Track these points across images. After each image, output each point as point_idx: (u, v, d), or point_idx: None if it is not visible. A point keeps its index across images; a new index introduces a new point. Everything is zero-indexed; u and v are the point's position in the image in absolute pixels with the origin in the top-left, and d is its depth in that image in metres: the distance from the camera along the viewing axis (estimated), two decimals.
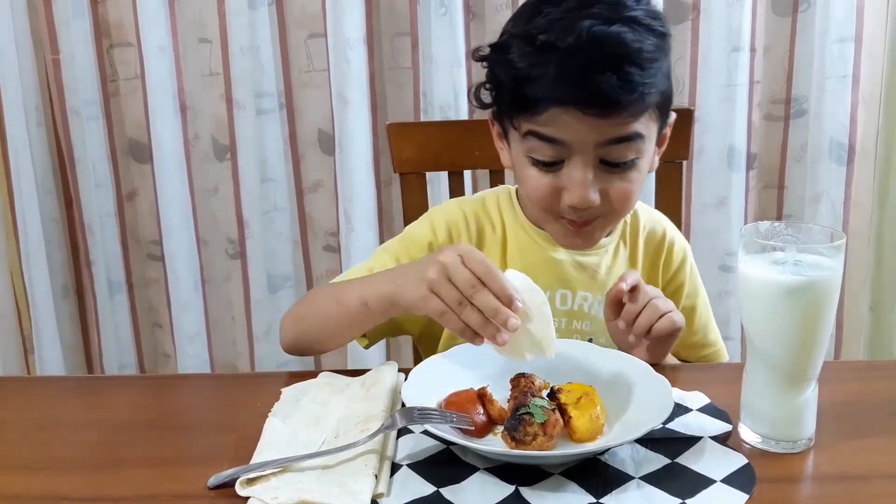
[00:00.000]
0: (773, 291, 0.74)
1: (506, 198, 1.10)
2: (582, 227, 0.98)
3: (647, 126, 0.94)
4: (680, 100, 1.83)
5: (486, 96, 1.00)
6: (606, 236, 1.08)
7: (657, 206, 1.34)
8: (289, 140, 1.91)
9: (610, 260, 1.08)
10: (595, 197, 0.93)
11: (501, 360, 0.88)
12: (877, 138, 1.83)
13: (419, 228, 1.09)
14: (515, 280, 0.80)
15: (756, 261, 0.75)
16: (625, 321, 0.94)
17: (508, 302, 0.78)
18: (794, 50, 1.81)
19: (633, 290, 0.93)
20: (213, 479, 0.73)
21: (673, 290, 1.11)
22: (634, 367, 0.87)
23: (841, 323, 1.94)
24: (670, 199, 1.33)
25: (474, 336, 0.80)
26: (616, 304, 0.95)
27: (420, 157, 1.32)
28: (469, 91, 1.03)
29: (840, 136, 1.80)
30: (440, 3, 1.74)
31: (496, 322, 0.78)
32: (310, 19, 1.83)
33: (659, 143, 1.02)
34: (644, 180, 1.00)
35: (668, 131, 1.03)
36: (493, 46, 0.97)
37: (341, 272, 1.92)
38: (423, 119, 1.81)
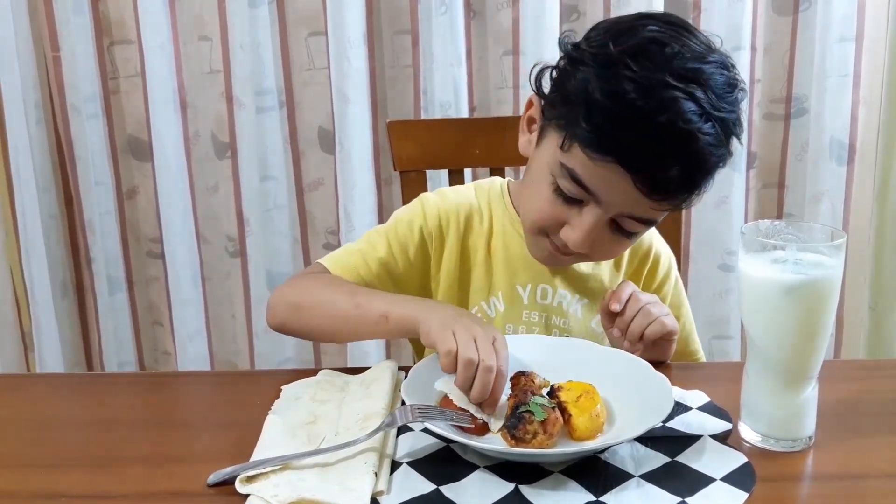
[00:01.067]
0: (773, 290, 0.74)
1: (497, 190, 1.10)
2: (563, 255, 0.98)
3: (668, 213, 0.96)
4: None
5: (547, 86, 0.96)
6: None
7: None
8: (289, 138, 1.91)
9: (592, 264, 1.09)
10: (587, 248, 0.95)
11: None
12: (877, 138, 1.83)
13: (410, 213, 1.08)
14: None
15: (756, 259, 0.75)
16: (619, 329, 0.95)
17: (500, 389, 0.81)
18: (794, 49, 1.81)
19: (628, 299, 0.95)
20: (213, 477, 0.73)
21: None
22: (634, 366, 0.87)
23: (841, 322, 1.94)
24: None
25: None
26: (611, 313, 0.96)
27: (420, 155, 1.32)
28: (531, 71, 0.98)
29: (840, 136, 1.80)
30: (441, 1, 1.74)
31: (483, 396, 0.80)
32: (310, 17, 1.83)
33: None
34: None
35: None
36: (576, 46, 0.92)
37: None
38: (423, 117, 1.81)
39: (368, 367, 0.94)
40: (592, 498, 0.70)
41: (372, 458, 0.74)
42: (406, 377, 0.84)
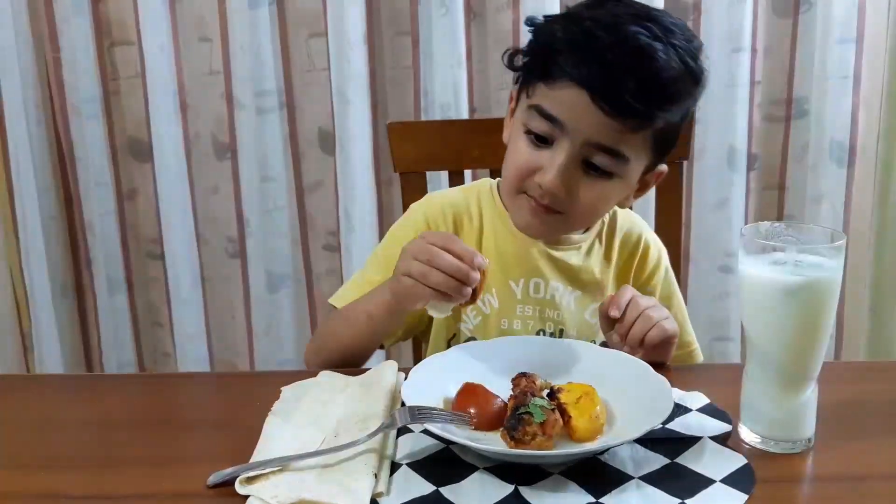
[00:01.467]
0: (773, 292, 0.74)
1: (486, 190, 1.13)
2: (543, 211, 1.00)
3: (636, 154, 0.97)
4: None
5: (517, 62, 1.03)
6: (582, 233, 1.11)
7: (657, 207, 1.34)
8: (289, 139, 1.91)
9: (583, 257, 1.10)
10: (562, 189, 0.96)
11: (502, 359, 0.89)
12: (878, 139, 1.83)
13: (401, 226, 1.14)
14: None
15: (756, 261, 0.75)
16: (619, 334, 0.96)
17: (470, 259, 0.86)
18: (794, 51, 1.81)
19: (627, 304, 0.95)
20: (213, 478, 0.73)
21: (645, 293, 1.10)
22: (634, 367, 0.87)
23: (841, 323, 1.94)
24: (671, 199, 1.33)
25: (444, 298, 0.87)
26: (610, 319, 0.96)
27: (420, 156, 1.32)
28: (503, 54, 1.06)
29: (841, 137, 1.80)
30: (441, 2, 1.74)
31: (460, 278, 0.85)
32: (310, 18, 1.83)
33: (641, 187, 1.05)
34: (612, 204, 1.04)
35: (651, 180, 1.06)
36: (546, 17, 1.01)
37: (341, 271, 1.93)
38: (423, 118, 1.81)
39: (368, 369, 0.94)
40: (592, 499, 0.70)
41: (372, 460, 0.74)
42: (406, 378, 0.84)
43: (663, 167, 1.06)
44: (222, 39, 1.83)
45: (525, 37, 1.03)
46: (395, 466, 0.75)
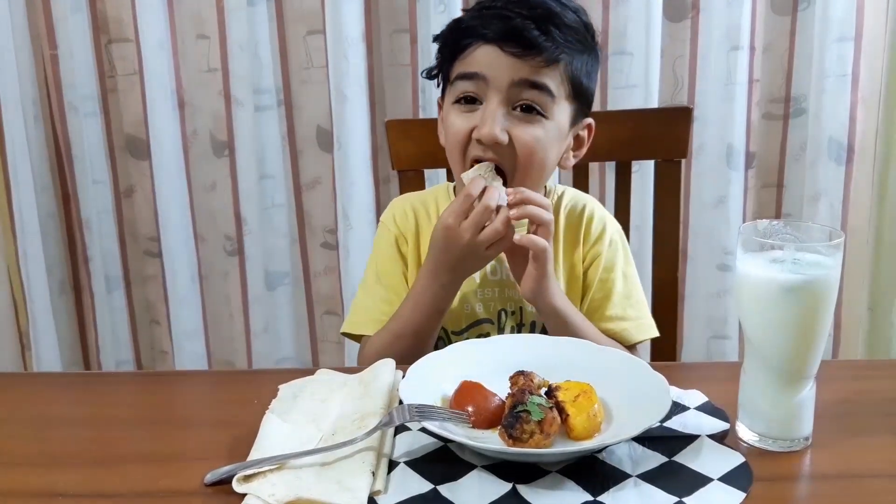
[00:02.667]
0: (771, 290, 0.74)
1: (443, 191, 1.22)
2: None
3: (557, 89, 1.05)
4: (679, 98, 1.83)
5: (435, 70, 1.14)
6: None
7: (656, 204, 1.34)
8: (287, 137, 1.91)
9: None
10: (502, 134, 1.03)
11: (499, 357, 0.89)
12: (876, 138, 1.83)
13: (381, 235, 1.21)
14: None
15: (755, 259, 0.75)
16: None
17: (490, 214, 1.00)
18: (793, 49, 1.81)
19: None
20: (210, 476, 0.73)
21: (590, 260, 1.17)
22: (632, 365, 0.87)
23: (839, 322, 1.94)
24: (669, 197, 1.33)
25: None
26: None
27: (418, 154, 1.32)
28: (421, 72, 1.18)
29: (839, 136, 1.80)
30: (439, 0, 1.74)
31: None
32: (308, 16, 1.83)
33: (576, 146, 1.13)
34: (553, 150, 1.08)
35: (585, 136, 1.14)
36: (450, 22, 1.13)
37: (339, 269, 1.93)
38: (421, 116, 1.81)
39: (366, 367, 0.94)
40: (590, 497, 0.70)
41: (369, 458, 0.74)
42: (404, 376, 0.84)
43: (589, 119, 1.13)
44: (220, 37, 1.83)
45: None
46: (392, 465, 0.75)
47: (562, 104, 1.06)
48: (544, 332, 1.11)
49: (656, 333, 1.17)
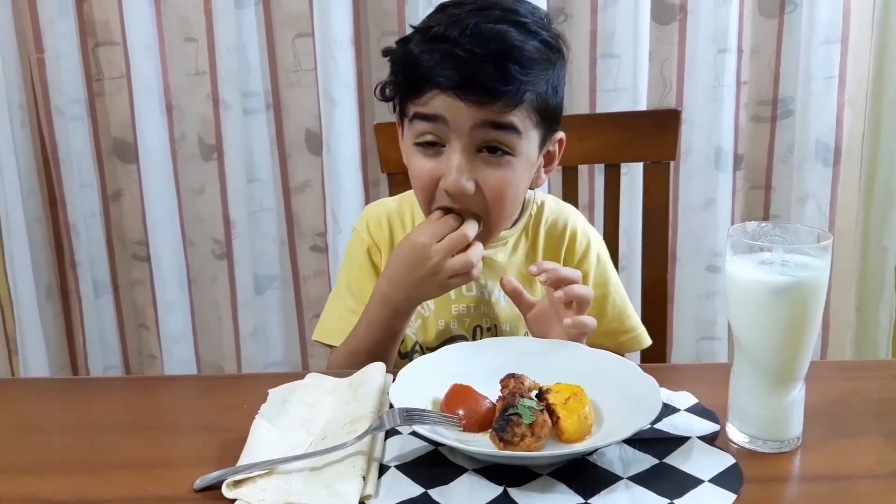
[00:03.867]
0: (760, 291, 0.75)
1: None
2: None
3: (523, 123, 0.98)
4: (667, 100, 1.84)
5: (389, 92, 1.06)
6: (509, 227, 1.13)
7: (644, 206, 1.35)
8: (276, 140, 1.91)
9: (510, 252, 1.13)
10: (468, 184, 0.97)
11: (489, 361, 0.89)
12: (862, 140, 1.84)
13: (353, 243, 1.20)
14: None
15: (743, 261, 0.75)
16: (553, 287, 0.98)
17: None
18: (780, 51, 1.82)
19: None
20: (200, 482, 0.73)
21: None
22: (622, 368, 0.87)
23: (827, 323, 1.95)
24: (657, 199, 1.34)
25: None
26: (518, 296, 1.03)
27: None
28: (374, 88, 1.09)
29: (826, 138, 1.81)
30: (428, 3, 1.73)
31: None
32: (297, 19, 1.82)
33: (546, 162, 1.07)
34: (523, 185, 1.04)
35: (556, 150, 1.08)
36: (399, 39, 1.04)
37: (328, 273, 1.92)
38: None
39: (356, 371, 0.93)
40: (581, 500, 0.70)
41: (360, 462, 0.74)
42: (394, 380, 0.84)
43: (560, 134, 1.07)
44: (208, 40, 1.82)
45: None
46: (383, 469, 0.75)
47: (529, 136, 1.00)
48: None
49: (650, 342, 1.18)
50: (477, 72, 0.93)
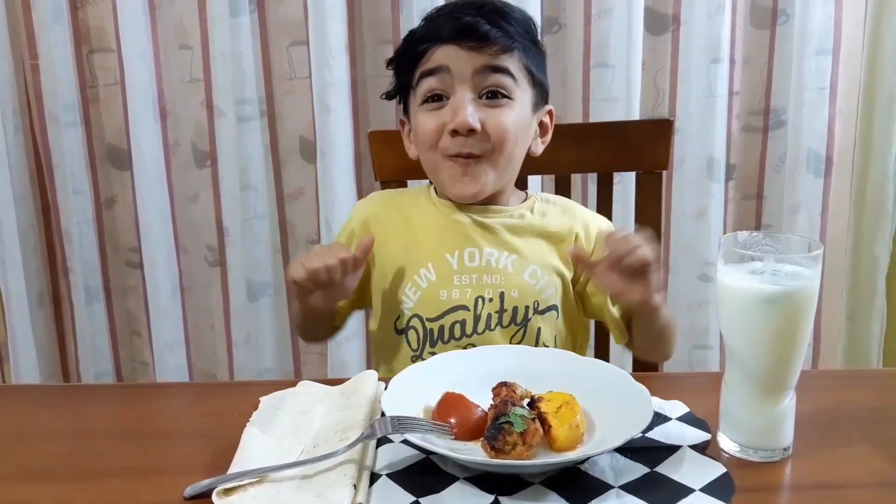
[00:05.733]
0: (751, 300, 0.75)
1: (424, 192, 1.21)
2: (468, 162, 1.08)
3: (517, 72, 1.09)
4: (660, 110, 1.85)
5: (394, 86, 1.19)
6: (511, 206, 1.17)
7: (637, 215, 1.35)
8: (270, 147, 1.91)
9: (516, 220, 1.15)
10: (474, 120, 1.06)
11: (480, 368, 0.89)
12: (854, 150, 1.85)
13: (345, 224, 1.23)
14: None
15: (735, 270, 0.76)
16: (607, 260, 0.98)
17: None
18: (772, 62, 1.83)
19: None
20: (190, 490, 0.72)
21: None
22: (614, 376, 0.87)
23: (819, 332, 1.95)
24: (650, 208, 1.34)
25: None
26: (580, 259, 1.05)
27: (401, 165, 1.32)
28: (381, 95, 1.22)
29: (818, 148, 1.82)
30: (422, 11, 1.74)
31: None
32: (292, 27, 1.83)
33: (542, 132, 1.18)
34: (522, 133, 1.11)
35: (548, 122, 1.19)
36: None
37: None
38: None
39: (348, 379, 0.93)
40: None
41: (351, 470, 0.74)
42: (386, 388, 0.84)
43: (549, 106, 1.18)
44: (203, 47, 1.83)
45: None
46: (374, 477, 0.75)
47: (524, 88, 1.11)
48: (526, 318, 1.11)
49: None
50: (472, 23, 1.07)
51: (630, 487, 0.73)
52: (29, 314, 1.91)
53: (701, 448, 0.79)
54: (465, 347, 1.08)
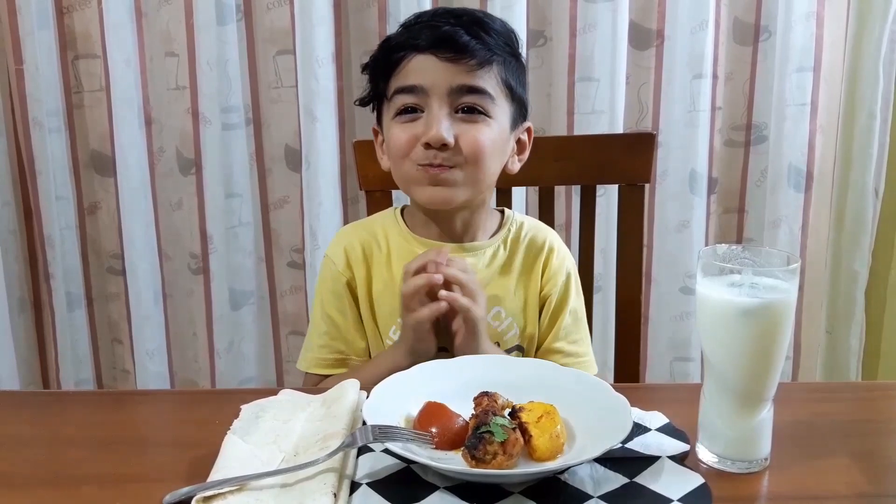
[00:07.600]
0: (729, 313, 0.76)
1: (390, 217, 1.20)
2: (439, 173, 1.05)
3: (495, 90, 1.06)
4: (644, 124, 1.86)
5: (367, 92, 1.15)
6: (489, 238, 1.16)
7: (620, 228, 1.36)
8: (255, 155, 1.91)
9: (488, 260, 1.15)
10: (448, 135, 1.03)
11: (462, 378, 0.90)
12: (834, 165, 1.87)
13: (326, 268, 1.18)
14: None
15: (713, 283, 0.77)
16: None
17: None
18: (754, 78, 1.85)
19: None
20: (169, 497, 0.72)
21: (546, 293, 1.16)
22: (594, 387, 0.88)
23: (798, 345, 1.97)
24: (633, 221, 1.35)
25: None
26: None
27: (386, 174, 1.31)
28: (354, 101, 1.19)
29: (798, 163, 1.84)
30: None
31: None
32: (279, 35, 1.83)
33: (519, 150, 1.15)
34: (497, 150, 1.09)
35: (526, 140, 1.16)
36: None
37: (305, 289, 1.92)
38: None
39: (330, 387, 0.93)
40: None
41: (331, 479, 0.74)
42: (367, 397, 0.84)
43: (528, 123, 1.15)
44: (189, 54, 1.82)
45: None
46: (354, 486, 0.75)
47: (502, 105, 1.08)
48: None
49: (596, 370, 1.19)
50: (450, 33, 1.04)
51: (609, 497, 0.73)
52: (9, 320, 1.89)
53: (680, 459, 0.80)
54: None
